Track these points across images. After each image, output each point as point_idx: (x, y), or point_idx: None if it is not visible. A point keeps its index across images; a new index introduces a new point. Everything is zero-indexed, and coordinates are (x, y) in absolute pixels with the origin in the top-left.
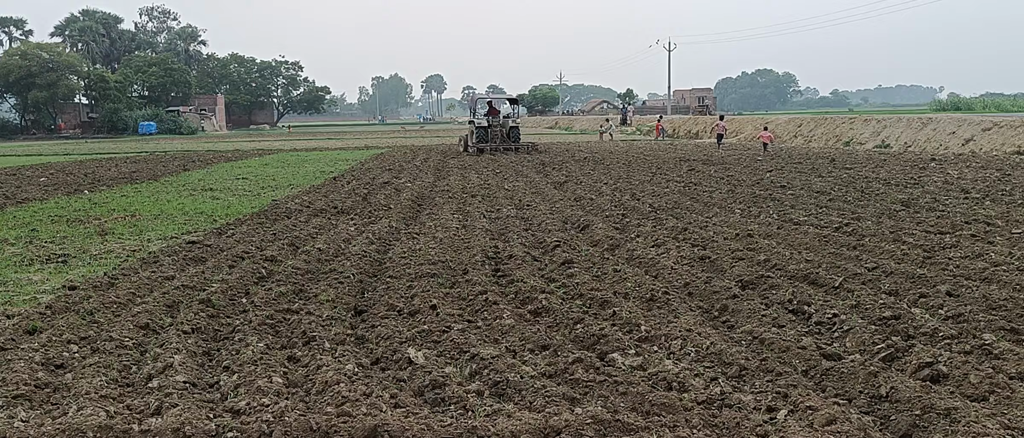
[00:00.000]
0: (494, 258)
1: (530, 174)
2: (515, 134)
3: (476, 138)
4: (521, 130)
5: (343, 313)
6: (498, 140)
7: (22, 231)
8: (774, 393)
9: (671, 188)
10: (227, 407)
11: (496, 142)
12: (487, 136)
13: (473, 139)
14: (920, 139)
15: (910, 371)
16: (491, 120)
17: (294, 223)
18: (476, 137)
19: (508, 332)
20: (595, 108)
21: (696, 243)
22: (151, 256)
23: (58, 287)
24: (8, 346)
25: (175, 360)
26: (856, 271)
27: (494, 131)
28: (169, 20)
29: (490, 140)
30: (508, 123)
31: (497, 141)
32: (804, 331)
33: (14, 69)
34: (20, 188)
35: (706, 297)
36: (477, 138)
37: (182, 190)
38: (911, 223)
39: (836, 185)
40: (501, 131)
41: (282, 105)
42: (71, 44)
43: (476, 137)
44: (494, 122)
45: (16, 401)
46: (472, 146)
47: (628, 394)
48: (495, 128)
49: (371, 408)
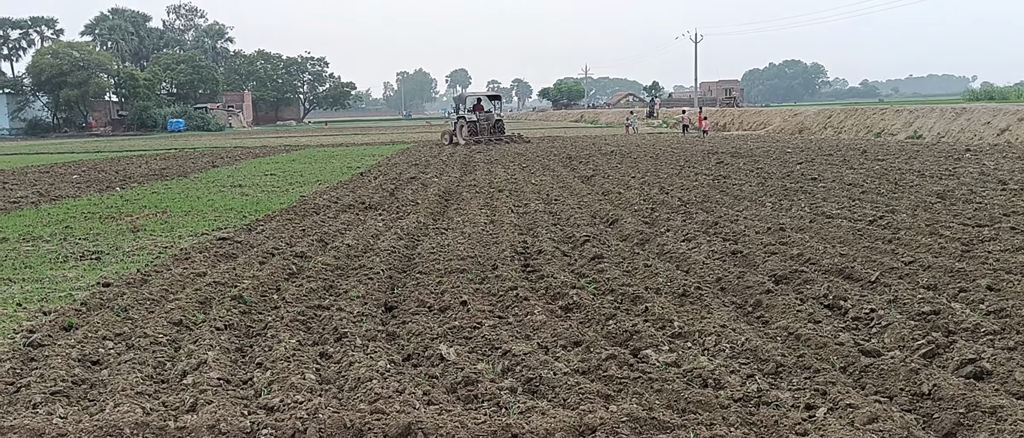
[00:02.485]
0: (523, 253)
1: (557, 168)
2: (500, 126)
3: (467, 132)
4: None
5: (374, 309)
6: (486, 133)
7: (56, 228)
8: (812, 390)
9: (700, 181)
10: (261, 404)
11: (485, 135)
12: (476, 130)
13: (464, 133)
14: (954, 130)
15: (952, 368)
16: (478, 115)
17: (323, 219)
18: (467, 130)
19: (539, 328)
20: (620, 101)
21: (727, 237)
22: (183, 252)
23: (92, 284)
24: (45, 342)
25: (209, 357)
26: (892, 265)
27: (482, 125)
28: (196, 18)
29: (479, 133)
30: (493, 117)
31: (485, 134)
32: (841, 327)
33: (46, 68)
34: (53, 185)
35: (739, 292)
36: (468, 131)
37: (211, 186)
38: (948, 216)
39: (869, 177)
40: (487, 125)
41: (308, 101)
42: (101, 43)
43: (467, 130)
44: (481, 117)
45: (54, 397)
46: (465, 139)
47: (663, 391)
48: (482, 122)
49: (404, 405)
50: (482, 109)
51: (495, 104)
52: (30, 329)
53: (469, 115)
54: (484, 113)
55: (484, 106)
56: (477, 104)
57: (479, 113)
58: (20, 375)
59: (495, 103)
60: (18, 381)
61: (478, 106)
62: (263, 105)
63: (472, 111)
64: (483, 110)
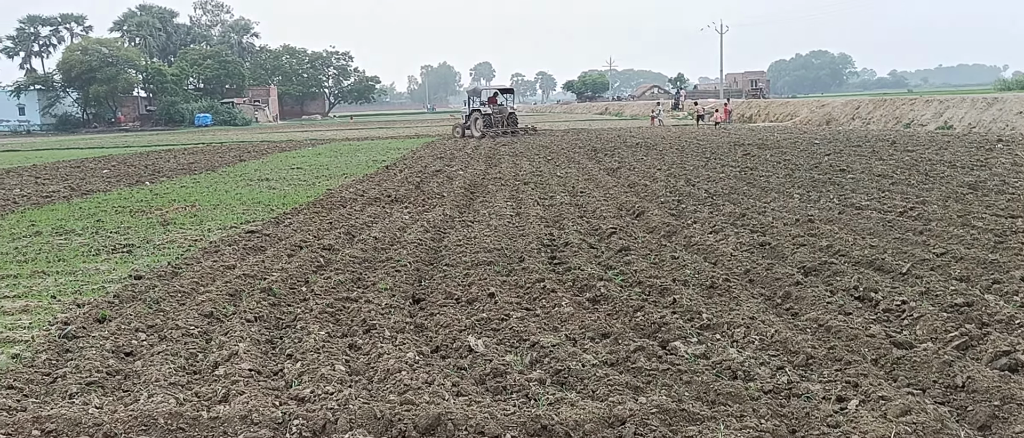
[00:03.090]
0: (550, 245)
1: (582, 161)
2: (513, 119)
3: (483, 124)
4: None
5: (401, 301)
6: (500, 125)
7: (88, 222)
8: (844, 382)
9: (726, 173)
10: (292, 395)
11: (499, 127)
12: (491, 122)
13: (479, 126)
14: (985, 120)
15: (986, 360)
16: (493, 108)
17: (349, 212)
18: (483, 123)
19: (567, 320)
20: (645, 93)
21: (755, 229)
22: (212, 245)
23: (124, 276)
24: (80, 334)
25: (240, 348)
26: (924, 257)
27: (496, 118)
28: (223, 13)
29: (493, 126)
30: (506, 110)
31: (499, 126)
32: (872, 319)
33: (76, 64)
34: (85, 180)
35: (768, 284)
36: (483, 124)
37: (239, 180)
38: (980, 207)
39: (898, 168)
40: (501, 117)
41: (333, 95)
42: (129, 39)
43: (483, 123)
44: (495, 110)
45: (90, 388)
46: (481, 131)
47: (692, 383)
48: (496, 115)
49: (434, 396)
50: (496, 102)
51: (508, 97)
52: (65, 321)
53: (484, 108)
54: (498, 106)
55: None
56: (492, 97)
57: (493, 106)
58: (56, 366)
59: (508, 96)
60: (54, 372)
61: (492, 99)
62: (289, 100)
63: (487, 104)
64: (497, 103)
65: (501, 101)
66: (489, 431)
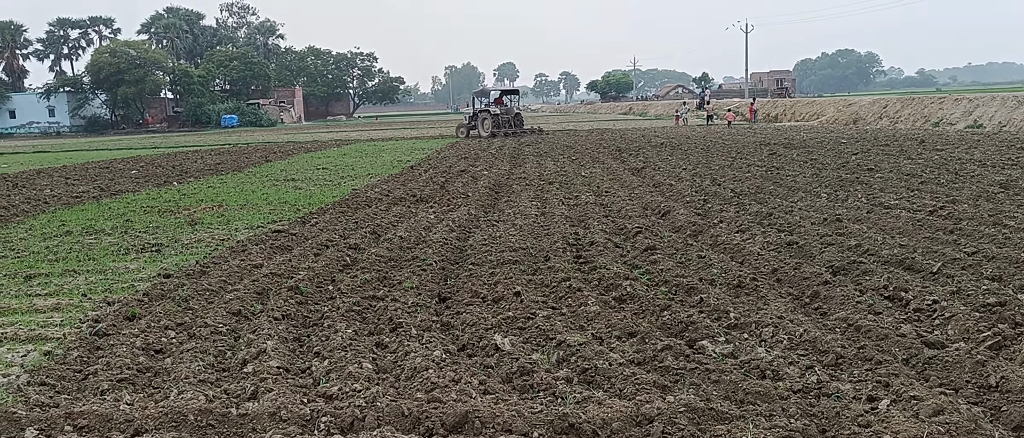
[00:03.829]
0: (575, 244)
1: (607, 160)
2: (519, 120)
3: (491, 125)
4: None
5: (428, 300)
6: (507, 126)
7: (117, 222)
8: (874, 382)
9: (752, 173)
10: (320, 392)
11: (506, 127)
12: (499, 122)
13: (487, 126)
14: (1016, 118)
15: (1020, 360)
16: (500, 109)
17: (375, 211)
18: (491, 123)
19: (593, 319)
20: (669, 93)
21: (782, 228)
22: (239, 245)
23: (153, 275)
24: (110, 332)
25: (268, 346)
26: (955, 256)
27: (503, 118)
28: (248, 15)
29: (501, 126)
30: (513, 110)
31: (507, 126)
32: (902, 318)
33: (104, 66)
34: (113, 181)
35: (796, 283)
36: (492, 124)
37: (265, 181)
38: (1011, 206)
39: (927, 167)
40: (508, 118)
41: (358, 96)
42: (156, 41)
43: (491, 123)
44: (502, 111)
45: (120, 384)
46: (488, 131)
47: (720, 382)
48: (504, 116)
49: (461, 394)
50: (502, 103)
51: (514, 99)
52: (96, 319)
53: (492, 109)
54: (504, 107)
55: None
56: (498, 98)
57: (500, 107)
58: (87, 363)
59: (514, 97)
60: (86, 369)
61: (499, 100)
62: (314, 101)
63: (494, 105)
64: (503, 105)
65: (507, 102)
66: (516, 429)
